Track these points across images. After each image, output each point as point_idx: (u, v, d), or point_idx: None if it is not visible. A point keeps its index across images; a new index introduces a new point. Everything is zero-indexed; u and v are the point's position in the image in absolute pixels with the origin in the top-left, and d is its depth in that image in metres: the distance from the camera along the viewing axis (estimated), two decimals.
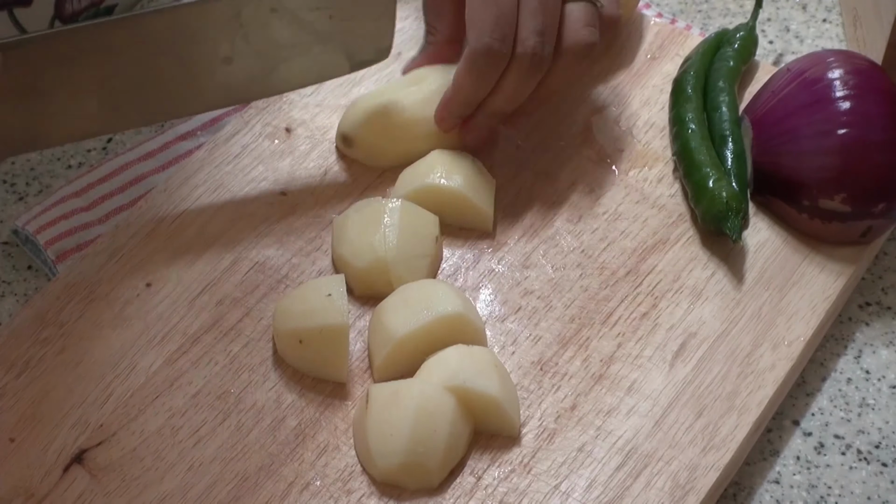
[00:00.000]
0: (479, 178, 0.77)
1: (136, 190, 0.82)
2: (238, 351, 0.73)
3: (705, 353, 0.72)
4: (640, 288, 0.75)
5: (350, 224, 0.75)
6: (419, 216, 0.75)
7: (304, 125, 0.83)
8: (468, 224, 0.77)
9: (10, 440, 0.69)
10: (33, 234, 0.79)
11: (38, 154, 0.86)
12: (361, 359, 0.73)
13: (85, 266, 0.76)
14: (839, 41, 0.93)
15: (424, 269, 0.74)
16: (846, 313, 0.78)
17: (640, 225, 0.78)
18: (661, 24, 0.88)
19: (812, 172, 0.76)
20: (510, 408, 0.69)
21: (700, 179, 0.77)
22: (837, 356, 0.77)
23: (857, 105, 0.75)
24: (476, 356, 0.69)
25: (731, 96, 0.81)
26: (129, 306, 0.74)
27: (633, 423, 0.70)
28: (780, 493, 0.71)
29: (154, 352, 0.72)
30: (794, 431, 0.74)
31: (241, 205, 0.79)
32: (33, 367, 0.72)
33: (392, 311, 0.71)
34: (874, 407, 0.75)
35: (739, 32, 0.85)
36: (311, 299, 0.71)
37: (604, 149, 0.82)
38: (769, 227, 0.78)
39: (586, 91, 0.85)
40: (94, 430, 0.70)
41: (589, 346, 0.73)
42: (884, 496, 0.71)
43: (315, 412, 0.70)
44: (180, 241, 0.77)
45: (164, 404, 0.70)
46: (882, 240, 0.79)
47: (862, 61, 0.78)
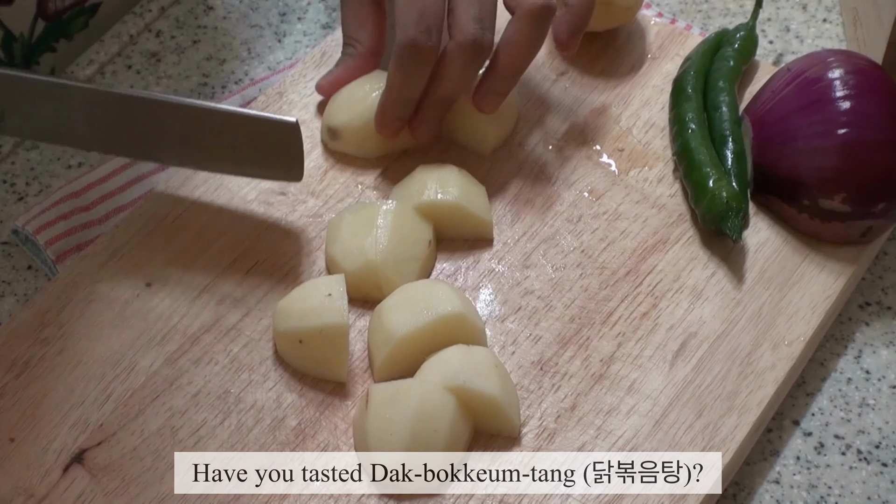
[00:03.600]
0: (473, 188, 0.77)
1: (136, 190, 0.82)
2: (238, 351, 0.73)
3: (705, 352, 0.72)
4: (640, 288, 0.75)
5: (343, 225, 0.75)
6: (413, 220, 0.75)
7: (304, 125, 0.82)
8: (469, 234, 0.77)
9: (10, 440, 0.69)
10: (33, 234, 0.79)
11: (38, 154, 0.86)
12: (361, 359, 0.73)
13: (85, 266, 0.76)
14: (839, 41, 0.93)
15: (415, 272, 0.74)
16: (846, 313, 0.78)
17: (640, 225, 0.78)
18: (661, 24, 0.88)
19: (812, 172, 0.76)
20: (510, 408, 0.69)
21: (700, 179, 0.77)
22: (837, 356, 0.77)
23: (857, 105, 0.75)
24: (476, 356, 0.69)
25: (731, 96, 0.81)
26: (129, 306, 0.74)
27: (633, 422, 0.70)
28: (780, 493, 0.71)
29: (154, 352, 0.72)
30: (794, 431, 0.74)
31: (241, 205, 0.79)
32: (33, 367, 0.72)
33: (392, 311, 0.71)
34: (874, 407, 0.75)
35: (739, 32, 0.85)
36: (311, 299, 0.71)
37: (604, 149, 0.82)
38: (769, 227, 0.78)
39: (586, 91, 0.85)
40: (93, 430, 0.69)
41: (589, 345, 0.73)
42: (884, 496, 0.71)
43: (315, 412, 0.70)
44: (180, 241, 0.77)
45: (164, 404, 0.70)
46: (882, 240, 0.79)
47: (862, 61, 0.78)
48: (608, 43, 0.87)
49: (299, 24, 0.94)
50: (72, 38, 0.91)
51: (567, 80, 0.85)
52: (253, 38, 0.93)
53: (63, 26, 0.89)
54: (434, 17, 0.73)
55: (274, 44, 0.92)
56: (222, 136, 0.76)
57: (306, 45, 0.92)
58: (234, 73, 0.91)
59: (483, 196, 0.78)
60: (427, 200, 0.76)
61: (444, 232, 0.77)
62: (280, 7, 0.95)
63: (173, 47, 0.92)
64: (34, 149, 0.86)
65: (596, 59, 0.86)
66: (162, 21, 0.93)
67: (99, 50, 0.91)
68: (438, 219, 0.76)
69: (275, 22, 0.94)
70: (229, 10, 0.94)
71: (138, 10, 0.93)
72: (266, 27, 0.93)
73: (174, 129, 0.75)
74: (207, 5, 0.94)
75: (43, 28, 0.88)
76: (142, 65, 0.91)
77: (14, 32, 0.86)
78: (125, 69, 0.90)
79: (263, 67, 0.91)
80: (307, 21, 0.94)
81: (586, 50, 0.86)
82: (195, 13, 0.94)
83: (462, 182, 0.77)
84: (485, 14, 0.73)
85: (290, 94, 0.84)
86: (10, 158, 0.86)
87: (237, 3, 0.95)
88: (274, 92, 0.84)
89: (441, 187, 0.76)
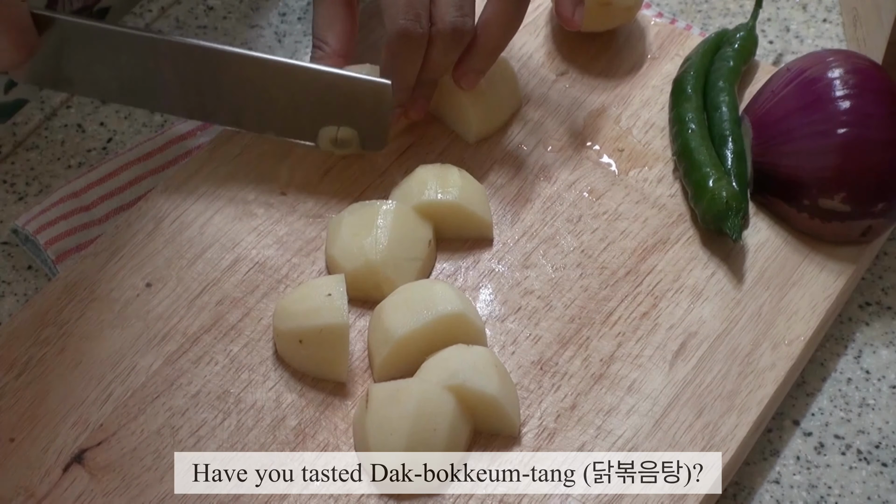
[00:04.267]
0: (473, 188, 0.77)
1: (136, 190, 0.82)
2: (238, 351, 0.73)
3: (705, 352, 0.72)
4: (640, 288, 0.75)
5: (344, 225, 0.75)
6: (413, 220, 0.75)
7: None
8: (469, 234, 0.77)
9: (10, 440, 0.69)
10: (33, 234, 0.79)
11: (38, 154, 0.86)
12: (361, 359, 0.73)
13: (85, 266, 0.76)
14: (839, 41, 0.93)
15: (415, 272, 0.74)
16: (846, 313, 0.78)
17: (640, 225, 0.78)
18: (661, 24, 0.88)
19: (812, 172, 0.76)
20: (510, 407, 0.69)
21: (700, 179, 0.77)
22: (837, 356, 0.77)
23: (857, 105, 0.75)
24: (476, 356, 0.69)
25: (731, 96, 0.81)
26: (129, 306, 0.74)
27: (633, 422, 0.70)
28: (780, 493, 0.71)
29: (154, 352, 0.72)
30: (794, 431, 0.74)
31: (241, 205, 0.79)
32: (33, 367, 0.72)
33: (392, 311, 0.71)
34: (874, 407, 0.75)
35: (739, 32, 0.85)
36: (311, 299, 0.71)
37: (604, 149, 0.82)
38: (769, 226, 0.78)
39: (586, 91, 0.85)
40: (93, 429, 0.69)
41: (589, 345, 0.73)
42: (884, 496, 0.71)
43: (315, 412, 0.70)
44: (180, 241, 0.77)
45: (164, 404, 0.70)
46: (882, 240, 0.79)
47: (862, 61, 0.78)
48: (608, 43, 0.87)
49: (299, 24, 0.94)
50: None
51: (567, 81, 0.85)
52: (253, 38, 0.93)
53: None
54: (421, 5, 0.74)
55: (274, 44, 0.92)
56: (309, 96, 0.77)
57: (306, 45, 0.92)
58: None
59: (483, 196, 0.78)
60: (427, 200, 0.76)
61: (444, 232, 0.77)
62: (280, 7, 0.95)
63: None
64: (34, 149, 0.86)
65: (596, 59, 0.86)
66: (162, 21, 0.93)
67: None
68: (438, 219, 0.76)
69: (275, 22, 0.94)
70: (229, 10, 0.94)
71: (138, 11, 0.93)
72: (266, 27, 0.93)
73: (266, 89, 0.77)
74: (207, 5, 0.94)
75: None
76: None
77: None
78: None
79: None
80: (307, 21, 0.94)
81: (586, 50, 0.86)
82: (195, 13, 0.94)
83: (462, 182, 0.77)
84: (465, 1, 0.75)
85: None
86: (10, 158, 0.86)
87: (237, 3, 0.95)
88: None
89: (441, 187, 0.76)
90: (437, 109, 0.82)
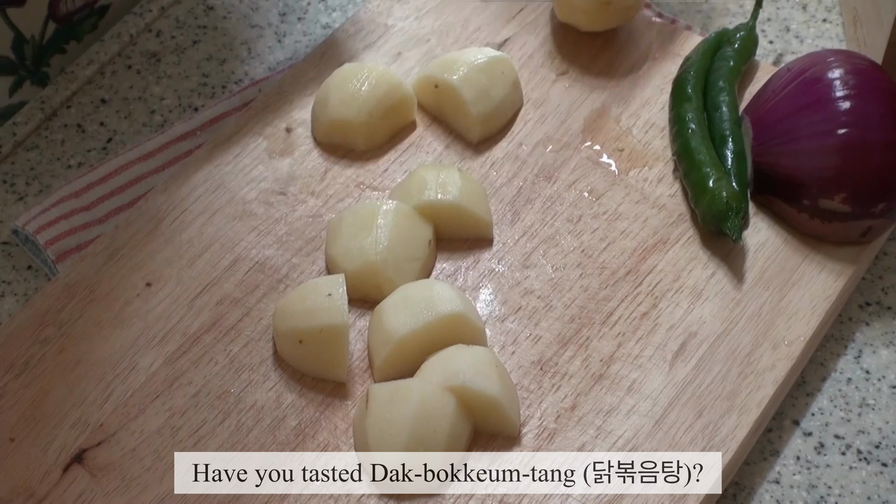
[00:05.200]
0: (472, 188, 0.77)
1: (136, 190, 0.82)
2: (238, 351, 0.73)
3: (705, 352, 0.72)
4: (640, 288, 0.75)
5: (344, 225, 0.75)
6: (413, 219, 0.75)
7: (304, 125, 0.83)
8: (469, 234, 0.77)
9: (10, 440, 0.69)
10: (33, 234, 0.79)
11: (38, 154, 0.86)
12: (361, 359, 0.73)
13: (85, 266, 0.76)
14: (839, 41, 0.93)
15: (415, 272, 0.74)
16: (846, 313, 0.78)
17: (640, 225, 0.78)
18: (661, 24, 0.88)
19: (812, 172, 0.76)
20: (510, 408, 0.69)
21: (700, 179, 0.77)
22: (837, 356, 0.77)
23: (857, 105, 0.75)
24: (476, 356, 0.69)
25: (731, 96, 0.81)
26: (129, 306, 0.74)
27: (633, 422, 0.70)
28: (780, 493, 0.71)
29: (154, 352, 0.72)
30: (794, 431, 0.74)
31: (241, 205, 0.79)
32: (33, 367, 0.72)
33: (392, 311, 0.71)
34: (874, 407, 0.75)
35: (739, 32, 0.85)
36: (311, 299, 0.71)
37: (604, 149, 0.82)
38: (769, 227, 0.78)
39: (586, 91, 0.85)
40: (93, 429, 0.70)
41: (589, 345, 0.73)
42: (884, 496, 0.71)
43: (315, 412, 0.70)
44: (180, 241, 0.77)
45: (164, 404, 0.70)
46: (882, 240, 0.79)
47: (862, 61, 0.78)
48: (608, 43, 0.87)
49: (299, 24, 0.94)
50: (81, 40, 0.91)
51: (567, 80, 0.85)
52: (253, 38, 0.93)
53: (73, 28, 0.89)
54: None
55: (274, 44, 0.92)
56: None
57: (306, 45, 0.92)
58: (234, 73, 0.91)
59: (483, 196, 0.78)
60: (427, 200, 0.76)
61: (444, 232, 0.77)
62: (280, 7, 0.95)
63: (173, 47, 0.92)
64: (34, 149, 0.86)
65: (596, 59, 0.86)
66: (162, 21, 0.93)
67: (99, 50, 0.91)
68: (438, 219, 0.76)
69: (275, 22, 0.94)
70: (229, 10, 0.94)
71: (138, 10, 0.93)
72: (266, 27, 0.93)
73: None
74: (207, 5, 0.94)
75: (53, 30, 0.88)
76: (142, 65, 0.91)
77: (25, 34, 0.86)
78: (125, 69, 0.90)
79: (263, 67, 0.91)
80: (307, 21, 0.94)
81: (586, 50, 0.86)
82: (195, 13, 0.94)
83: (462, 182, 0.77)
84: None
85: (290, 94, 0.84)
86: (11, 158, 0.86)
87: (237, 3, 0.95)
88: (274, 92, 0.84)
89: (441, 187, 0.76)
90: (438, 109, 0.82)
